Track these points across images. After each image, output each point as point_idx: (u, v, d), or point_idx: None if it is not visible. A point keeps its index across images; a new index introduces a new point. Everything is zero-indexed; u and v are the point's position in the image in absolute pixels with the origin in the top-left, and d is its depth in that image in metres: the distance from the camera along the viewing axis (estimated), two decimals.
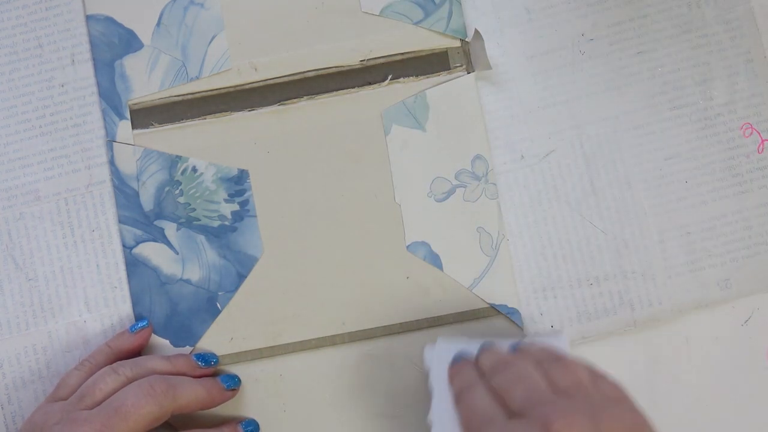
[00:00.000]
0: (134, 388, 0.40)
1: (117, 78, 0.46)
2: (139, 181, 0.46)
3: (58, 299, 0.45)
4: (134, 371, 0.41)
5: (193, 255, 0.45)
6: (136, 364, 0.41)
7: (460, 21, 0.47)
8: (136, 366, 0.41)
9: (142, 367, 0.41)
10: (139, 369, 0.41)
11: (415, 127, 0.46)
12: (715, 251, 0.46)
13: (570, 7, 0.47)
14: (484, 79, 0.47)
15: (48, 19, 0.46)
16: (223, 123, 0.46)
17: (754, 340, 0.46)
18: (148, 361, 0.42)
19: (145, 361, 0.42)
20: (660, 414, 0.45)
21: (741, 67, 0.47)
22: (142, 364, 0.42)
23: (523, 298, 0.45)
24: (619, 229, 0.46)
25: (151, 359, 0.42)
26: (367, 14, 0.47)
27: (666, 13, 0.47)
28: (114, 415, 0.38)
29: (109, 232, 0.45)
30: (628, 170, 0.46)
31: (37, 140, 0.46)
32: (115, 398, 0.39)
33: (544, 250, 0.46)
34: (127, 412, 0.39)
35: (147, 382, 0.40)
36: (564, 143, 0.46)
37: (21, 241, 0.45)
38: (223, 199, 0.46)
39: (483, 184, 0.46)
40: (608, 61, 0.47)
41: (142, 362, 0.42)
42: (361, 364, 0.45)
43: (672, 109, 0.47)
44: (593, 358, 0.45)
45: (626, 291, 0.45)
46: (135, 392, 0.39)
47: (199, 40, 0.46)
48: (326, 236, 0.46)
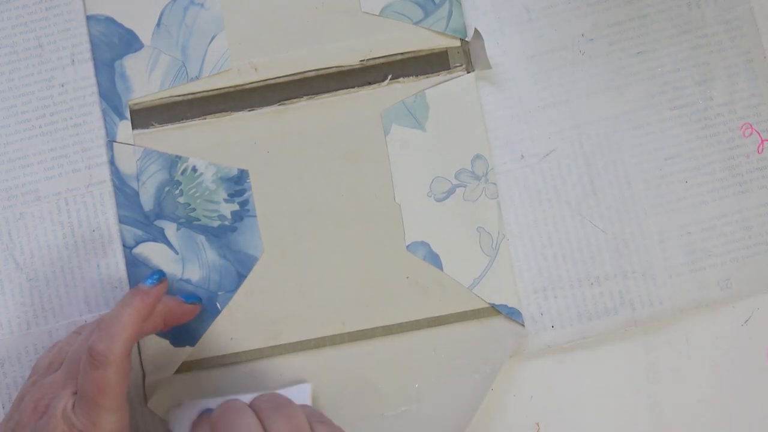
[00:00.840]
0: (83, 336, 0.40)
1: (117, 78, 0.46)
2: (139, 181, 0.46)
3: (58, 299, 0.45)
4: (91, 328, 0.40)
5: (193, 255, 0.45)
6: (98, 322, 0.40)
7: (460, 21, 0.47)
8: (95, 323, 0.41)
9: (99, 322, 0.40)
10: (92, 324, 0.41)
11: (415, 126, 0.46)
12: (715, 251, 0.46)
13: (570, 7, 0.47)
14: (484, 79, 0.47)
15: (48, 19, 0.46)
16: (223, 123, 0.46)
17: (754, 340, 0.46)
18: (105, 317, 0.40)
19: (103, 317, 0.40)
20: (660, 414, 0.45)
21: (741, 67, 0.47)
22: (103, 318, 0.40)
23: (523, 297, 0.45)
24: (619, 229, 0.46)
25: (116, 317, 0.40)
26: (367, 14, 0.47)
27: (666, 13, 0.47)
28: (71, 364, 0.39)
29: (109, 232, 0.45)
30: (628, 170, 0.46)
31: (37, 140, 0.46)
32: (72, 351, 0.39)
33: (544, 249, 0.46)
34: None
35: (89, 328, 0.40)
36: (564, 143, 0.46)
37: (21, 241, 0.45)
38: (223, 199, 0.46)
39: (483, 184, 0.46)
40: (608, 61, 0.47)
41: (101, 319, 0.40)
42: (361, 364, 0.45)
43: (672, 109, 0.47)
44: (593, 358, 0.45)
45: (626, 291, 0.45)
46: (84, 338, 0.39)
47: (199, 40, 0.46)
48: (326, 236, 0.46)
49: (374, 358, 0.45)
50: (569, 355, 0.45)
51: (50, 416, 0.37)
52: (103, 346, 0.37)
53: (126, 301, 0.39)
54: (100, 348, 0.37)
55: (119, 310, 0.39)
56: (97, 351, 0.37)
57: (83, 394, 0.37)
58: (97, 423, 0.37)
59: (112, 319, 0.38)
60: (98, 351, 0.37)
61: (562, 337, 0.45)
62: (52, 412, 0.37)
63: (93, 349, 0.37)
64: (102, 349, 0.37)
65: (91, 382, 0.37)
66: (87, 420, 0.37)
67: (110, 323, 0.38)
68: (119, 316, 0.38)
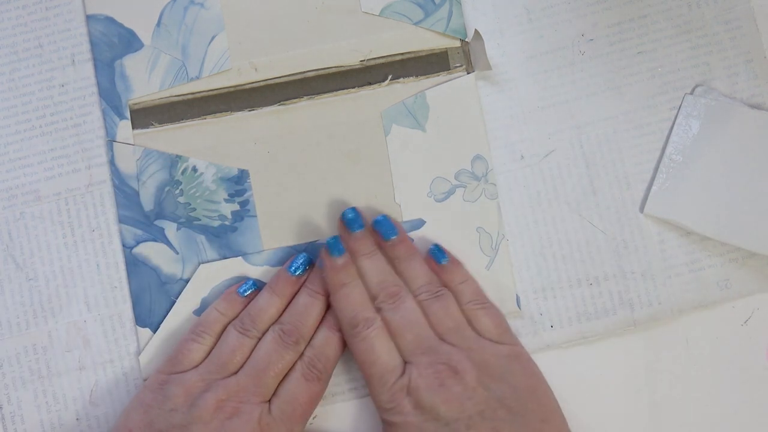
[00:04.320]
0: (268, 344, 0.42)
1: (117, 78, 0.46)
2: (139, 180, 0.46)
3: (58, 299, 0.45)
4: (258, 327, 0.42)
5: (193, 255, 0.45)
6: (256, 320, 0.43)
7: (460, 21, 0.47)
8: (257, 321, 0.43)
9: (262, 321, 0.43)
10: (260, 324, 0.43)
11: (415, 127, 0.46)
12: (715, 251, 0.46)
13: (570, 7, 0.47)
14: (484, 79, 0.47)
15: (48, 19, 0.46)
16: (223, 123, 0.46)
17: (754, 340, 0.46)
18: (262, 312, 0.43)
19: (260, 312, 0.43)
20: (660, 414, 0.45)
21: (741, 67, 0.47)
22: (261, 317, 0.43)
23: (523, 298, 0.45)
24: (618, 229, 0.46)
25: (262, 308, 0.43)
26: (367, 14, 0.47)
27: (666, 13, 0.47)
28: (264, 375, 0.41)
29: (109, 231, 0.45)
30: (628, 170, 0.46)
31: (37, 140, 0.46)
32: (258, 359, 0.41)
33: (544, 250, 0.46)
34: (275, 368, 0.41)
35: (277, 335, 0.42)
36: (564, 143, 0.46)
37: (21, 241, 0.45)
38: (223, 199, 0.46)
39: (483, 184, 0.46)
40: (608, 61, 0.47)
41: (259, 316, 0.43)
42: None
43: (672, 109, 0.47)
44: (593, 358, 0.45)
45: (626, 291, 0.46)
46: (272, 348, 0.42)
47: (199, 40, 0.46)
48: (326, 236, 0.46)
49: None
50: (568, 355, 0.45)
51: (244, 420, 0.40)
52: (321, 365, 0.42)
53: (332, 324, 0.43)
54: (320, 366, 0.42)
55: (331, 334, 0.43)
56: (317, 368, 0.42)
57: (290, 402, 0.41)
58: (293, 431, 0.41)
59: (325, 342, 0.43)
60: (318, 368, 0.42)
61: (562, 337, 0.45)
62: (248, 417, 0.40)
63: (314, 366, 0.42)
64: (321, 367, 0.42)
65: (305, 393, 0.41)
66: (285, 427, 0.41)
67: (324, 346, 0.42)
68: (332, 339, 0.43)
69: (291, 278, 0.43)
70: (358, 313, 0.42)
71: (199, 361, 0.42)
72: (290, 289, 0.43)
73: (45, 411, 0.44)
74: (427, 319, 0.42)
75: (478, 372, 0.40)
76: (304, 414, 0.42)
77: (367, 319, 0.42)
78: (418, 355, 0.41)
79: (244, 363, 0.42)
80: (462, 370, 0.40)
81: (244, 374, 0.41)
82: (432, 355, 0.41)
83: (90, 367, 0.45)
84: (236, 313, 0.43)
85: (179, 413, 0.40)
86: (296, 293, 0.44)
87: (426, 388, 0.40)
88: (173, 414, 0.40)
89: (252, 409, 0.40)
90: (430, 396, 0.39)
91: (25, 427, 0.44)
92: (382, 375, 0.41)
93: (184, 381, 0.41)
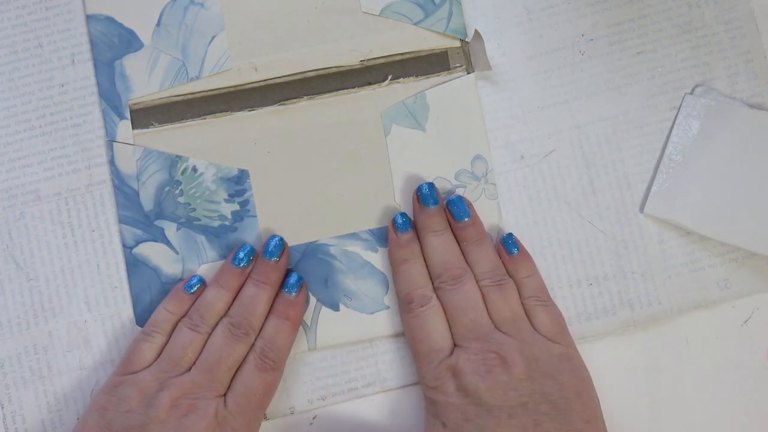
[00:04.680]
0: (219, 338, 0.42)
1: (117, 78, 0.46)
2: (139, 181, 0.46)
3: (58, 299, 0.45)
4: (208, 323, 0.43)
5: (193, 255, 0.45)
6: (205, 315, 0.43)
7: (460, 21, 0.47)
8: (206, 316, 0.43)
9: (210, 315, 0.43)
10: (209, 319, 0.43)
11: (415, 127, 0.46)
12: (715, 251, 0.46)
13: (570, 7, 0.47)
14: (484, 79, 0.47)
15: (48, 19, 0.46)
16: (223, 123, 0.46)
17: (754, 340, 0.46)
18: (210, 307, 0.43)
19: (208, 307, 0.43)
20: (660, 414, 0.45)
21: (741, 67, 0.47)
22: (210, 312, 0.43)
23: None
24: (618, 229, 0.46)
25: (210, 303, 0.43)
26: (367, 14, 0.47)
27: (666, 13, 0.47)
28: (217, 369, 0.41)
29: (110, 232, 0.45)
30: (628, 170, 0.46)
31: (37, 140, 0.46)
32: (210, 354, 0.41)
33: (544, 250, 0.46)
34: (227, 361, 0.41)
35: (226, 329, 0.42)
36: (564, 143, 0.46)
37: (21, 241, 0.45)
38: (223, 199, 0.46)
39: (483, 185, 0.46)
40: (608, 61, 0.47)
41: (207, 311, 0.43)
42: None
43: (672, 109, 0.47)
44: (593, 358, 0.45)
45: (626, 291, 0.46)
46: (222, 342, 0.42)
47: (199, 40, 0.46)
48: (326, 236, 0.46)
49: None
50: None
51: (200, 416, 0.40)
52: (273, 354, 0.42)
53: (281, 312, 0.43)
54: (272, 355, 0.42)
55: (280, 322, 0.43)
56: (269, 357, 0.42)
57: (245, 394, 0.41)
58: (251, 423, 0.41)
59: (275, 331, 0.43)
60: (270, 357, 0.42)
61: None
62: (203, 413, 0.40)
63: (266, 356, 0.42)
64: (273, 356, 0.42)
65: (260, 383, 0.41)
66: (243, 419, 0.41)
67: (275, 335, 0.42)
68: (282, 328, 0.43)
69: (236, 270, 0.43)
70: (415, 289, 0.42)
71: (151, 360, 0.42)
72: (236, 281, 0.43)
73: (46, 411, 0.44)
74: (486, 306, 0.42)
75: (527, 365, 0.40)
76: (261, 404, 0.42)
77: (423, 297, 0.42)
78: (470, 340, 0.41)
79: (197, 359, 0.42)
80: (511, 360, 0.40)
81: (197, 370, 0.41)
82: (484, 341, 0.41)
83: (90, 367, 0.45)
84: (185, 310, 0.43)
85: (135, 414, 0.40)
86: (243, 285, 0.44)
87: (472, 372, 0.40)
88: (129, 415, 0.40)
89: (207, 405, 0.40)
90: (475, 380, 0.40)
91: (26, 427, 0.44)
92: (429, 353, 0.41)
93: (137, 381, 0.41)
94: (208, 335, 0.42)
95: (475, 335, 0.41)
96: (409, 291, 0.43)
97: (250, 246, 0.44)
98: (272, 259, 0.43)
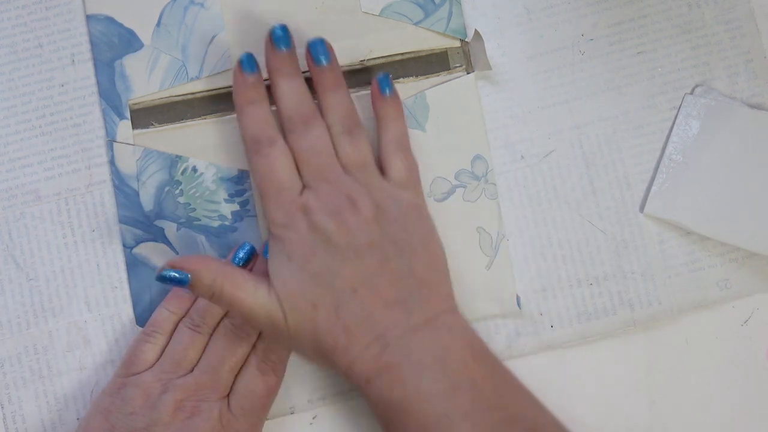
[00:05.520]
0: (220, 339, 0.42)
1: (117, 78, 0.46)
2: (139, 181, 0.46)
3: (58, 299, 0.45)
4: (208, 323, 0.42)
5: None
6: (206, 315, 0.43)
7: (460, 21, 0.47)
8: (207, 317, 0.43)
9: (211, 316, 0.43)
10: (210, 319, 0.43)
11: (415, 127, 0.46)
12: (715, 251, 0.46)
13: (570, 7, 0.47)
14: (484, 79, 0.47)
15: (48, 19, 0.46)
16: (223, 123, 0.46)
17: (754, 340, 0.46)
18: (211, 307, 0.43)
19: (209, 308, 0.43)
20: (660, 414, 0.45)
21: (741, 67, 0.47)
22: (211, 313, 0.43)
23: (523, 298, 0.45)
24: (618, 229, 0.46)
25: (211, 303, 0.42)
26: (367, 14, 0.47)
27: (666, 13, 0.47)
28: (219, 370, 0.41)
29: (110, 232, 0.45)
30: (628, 170, 0.46)
31: (37, 140, 0.46)
32: (212, 355, 0.42)
33: (544, 250, 0.46)
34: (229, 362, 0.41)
35: (228, 329, 0.42)
36: (564, 143, 0.46)
37: (21, 241, 0.45)
38: (223, 199, 0.46)
39: (483, 184, 0.46)
40: (608, 61, 0.47)
41: (208, 311, 0.43)
42: None
43: (672, 109, 0.47)
44: (593, 358, 0.45)
45: (626, 291, 0.46)
46: (224, 342, 0.42)
47: (199, 40, 0.46)
48: None
49: None
50: (568, 355, 0.45)
51: (204, 418, 0.40)
52: (275, 356, 0.42)
53: None
54: (273, 357, 0.42)
55: None
56: (271, 359, 0.42)
57: (248, 396, 0.41)
58: (254, 425, 0.41)
59: None
60: (272, 359, 0.42)
61: (562, 337, 0.45)
62: (208, 415, 0.40)
63: (267, 358, 0.42)
64: (274, 358, 0.42)
65: (262, 386, 0.41)
66: (246, 422, 0.41)
67: None
68: None
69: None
70: (261, 131, 0.42)
71: (153, 361, 0.42)
72: None
73: (46, 411, 0.44)
74: (337, 152, 0.42)
75: (376, 209, 0.40)
76: (263, 407, 0.42)
77: (270, 138, 0.42)
78: (319, 182, 0.41)
79: (199, 360, 0.42)
80: (361, 204, 0.40)
81: (200, 371, 0.41)
82: (333, 184, 0.41)
83: (90, 367, 0.45)
84: (186, 310, 0.43)
85: (139, 416, 0.40)
86: None
87: (322, 210, 0.40)
88: (133, 417, 0.40)
89: (211, 407, 0.40)
90: (325, 219, 0.40)
91: (26, 427, 0.44)
92: (279, 192, 0.41)
93: (140, 383, 0.41)
94: (210, 336, 0.42)
95: (325, 177, 0.41)
96: (256, 132, 0.42)
97: (251, 246, 0.44)
98: None
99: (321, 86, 0.43)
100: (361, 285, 0.39)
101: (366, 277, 0.39)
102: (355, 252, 0.39)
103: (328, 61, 0.43)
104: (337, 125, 0.42)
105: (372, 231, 0.40)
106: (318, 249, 0.40)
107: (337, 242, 0.39)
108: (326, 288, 0.39)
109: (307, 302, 0.39)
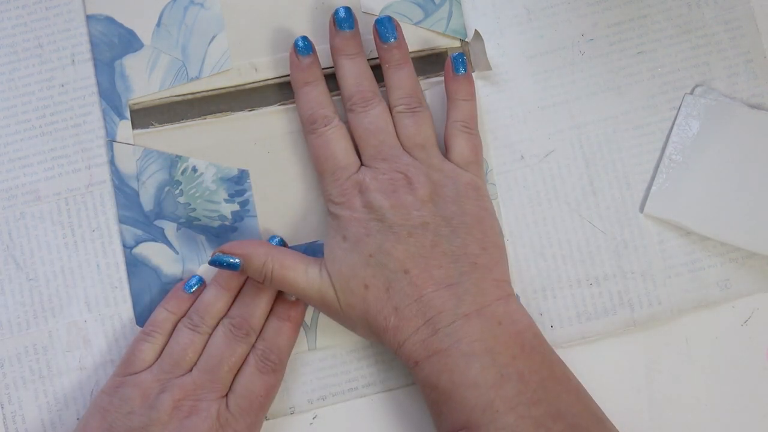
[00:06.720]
0: (220, 339, 0.42)
1: (117, 78, 0.46)
2: (139, 181, 0.46)
3: (58, 299, 0.45)
4: (208, 323, 0.42)
5: (194, 255, 0.45)
6: (205, 315, 0.43)
7: (460, 21, 0.47)
8: (206, 317, 0.43)
9: (211, 315, 0.43)
10: (209, 319, 0.43)
11: None
12: (715, 251, 0.46)
13: (570, 7, 0.47)
14: (484, 79, 0.47)
15: (48, 19, 0.46)
16: (223, 123, 0.46)
17: (754, 340, 0.46)
18: (210, 307, 0.43)
19: (208, 307, 0.43)
20: (660, 414, 0.45)
21: (741, 67, 0.47)
22: (210, 312, 0.43)
23: (523, 298, 0.45)
24: (618, 229, 0.46)
25: (210, 303, 0.43)
26: (367, 14, 0.47)
27: (666, 13, 0.47)
28: (218, 370, 0.41)
29: (110, 232, 0.45)
30: (628, 170, 0.46)
31: (37, 140, 0.46)
32: (211, 354, 0.41)
33: (544, 250, 0.46)
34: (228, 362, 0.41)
35: (227, 329, 0.42)
36: (564, 143, 0.46)
37: (21, 241, 0.45)
38: (223, 199, 0.46)
39: None
40: (608, 61, 0.47)
41: (207, 311, 0.43)
42: None
43: (672, 109, 0.47)
44: (593, 358, 0.45)
45: (626, 291, 0.46)
46: (223, 342, 0.42)
47: (199, 40, 0.46)
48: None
49: None
50: (568, 355, 0.45)
51: (202, 418, 0.40)
52: (274, 356, 0.42)
53: (282, 313, 0.43)
54: (273, 357, 0.42)
55: (281, 323, 0.43)
56: (270, 359, 0.42)
57: (247, 396, 0.41)
58: (253, 425, 0.41)
59: (276, 332, 0.42)
60: (271, 359, 0.42)
61: (562, 337, 0.45)
62: (206, 414, 0.40)
63: (267, 358, 0.42)
64: (274, 358, 0.42)
65: (261, 385, 0.41)
66: (245, 421, 0.41)
67: (275, 336, 0.42)
68: (283, 329, 0.43)
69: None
70: (317, 110, 0.43)
71: (151, 361, 0.42)
72: (236, 281, 0.43)
73: (46, 411, 0.44)
74: (397, 132, 0.42)
75: (432, 188, 0.41)
76: (262, 406, 0.42)
77: (326, 117, 0.42)
78: (377, 160, 0.41)
79: (197, 360, 0.42)
80: (417, 182, 0.41)
81: (198, 371, 0.41)
82: (391, 162, 0.41)
83: (90, 367, 0.45)
84: (185, 310, 0.43)
85: (137, 416, 0.40)
86: (243, 285, 0.44)
87: (377, 189, 0.40)
88: (131, 417, 0.40)
89: (209, 406, 0.40)
90: (380, 197, 0.40)
91: (26, 427, 0.44)
92: (335, 170, 0.42)
93: (139, 382, 0.41)
94: (209, 336, 0.42)
95: (383, 156, 0.41)
96: (312, 112, 0.43)
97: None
98: None
99: (388, 63, 0.44)
100: (414, 266, 0.40)
101: (418, 258, 0.40)
102: (408, 231, 0.40)
103: (395, 38, 0.43)
104: (401, 104, 0.43)
105: (427, 210, 0.40)
106: (371, 228, 0.40)
107: (390, 220, 0.40)
108: (378, 268, 0.40)
109: (358, 282, 0.40)
